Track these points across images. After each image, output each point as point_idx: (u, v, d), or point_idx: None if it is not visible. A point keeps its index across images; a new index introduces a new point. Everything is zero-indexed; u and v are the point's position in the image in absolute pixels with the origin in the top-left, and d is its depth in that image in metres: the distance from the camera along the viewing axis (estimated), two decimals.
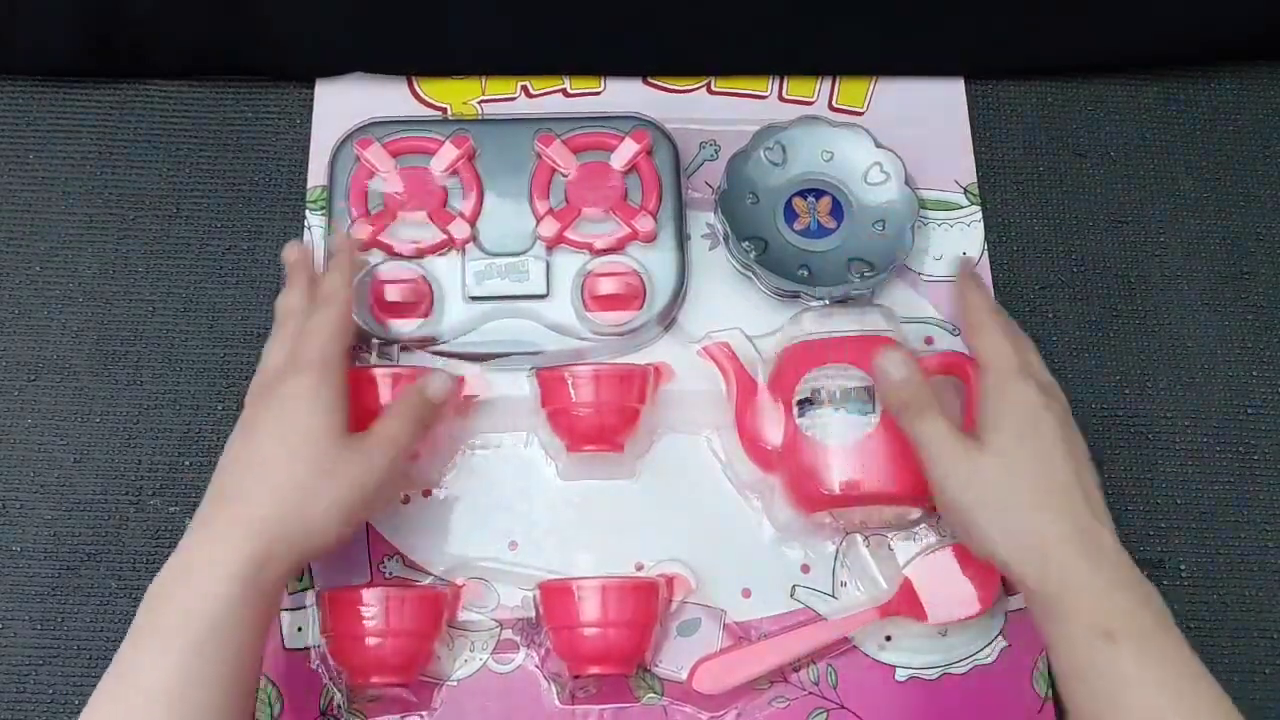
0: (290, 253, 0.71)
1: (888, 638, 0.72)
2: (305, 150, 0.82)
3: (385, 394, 0.70)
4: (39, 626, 0.72)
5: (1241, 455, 0.77)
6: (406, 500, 0.74)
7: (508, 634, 0.71)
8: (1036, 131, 0.84)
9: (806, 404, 0.70)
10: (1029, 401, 0.64)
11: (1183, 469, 0.77)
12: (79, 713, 0.70)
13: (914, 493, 0.70)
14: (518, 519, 0.74)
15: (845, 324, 0.73)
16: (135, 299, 0.79)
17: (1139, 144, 0.84)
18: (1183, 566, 0.75)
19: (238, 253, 0.80)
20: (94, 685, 0.70)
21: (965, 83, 0.85)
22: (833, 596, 0.73)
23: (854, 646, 0.72)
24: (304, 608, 0.71)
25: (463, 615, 0.72)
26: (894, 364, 0.66)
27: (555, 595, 0.69)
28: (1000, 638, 0.72)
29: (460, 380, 0.74)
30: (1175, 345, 0.80)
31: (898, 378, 0.66)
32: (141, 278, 0.79)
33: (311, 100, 0.83)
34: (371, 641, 0.66)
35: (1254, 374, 0.79)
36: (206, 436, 0.76)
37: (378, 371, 0.71)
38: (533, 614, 0.71)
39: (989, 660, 0.72)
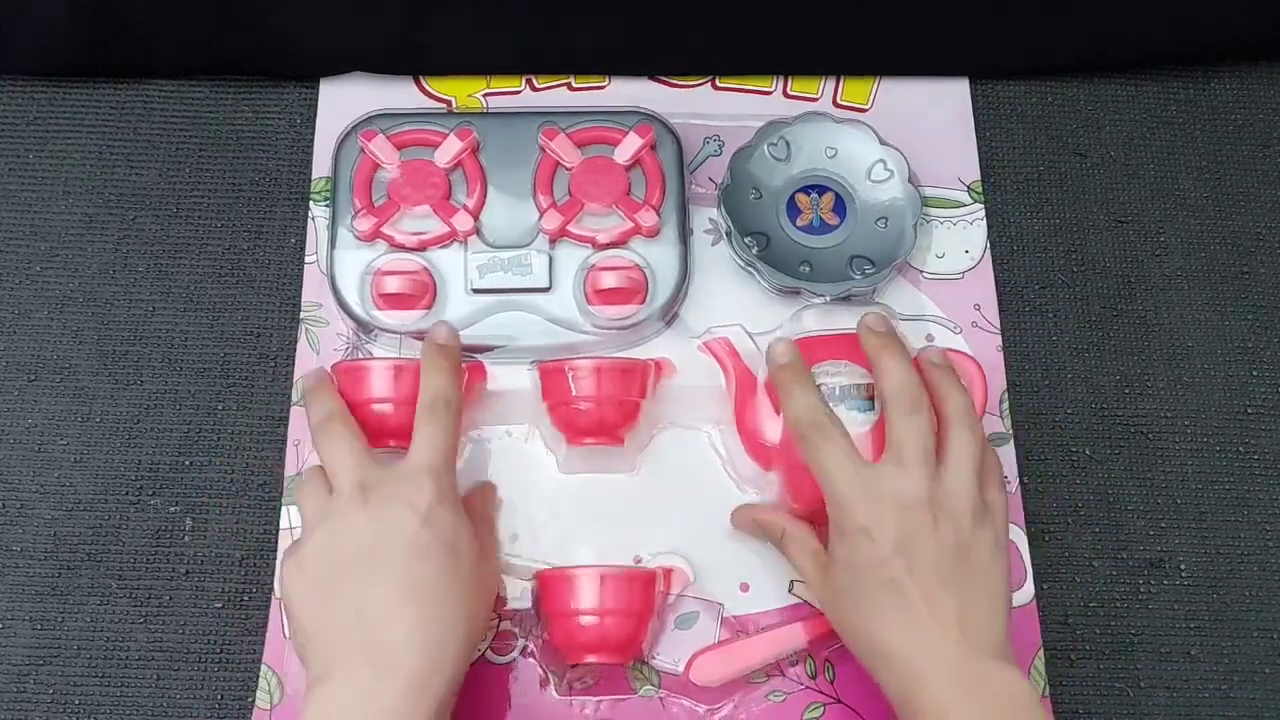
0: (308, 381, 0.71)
1: None
2: (306, 150, 0.82)
3: (387, 387, 0.70)
4: (39, 626, 0.71)
5: (1241, 455, 0.77)
6: None
7: (506, 625, 0.71)
8: (1037, 131, 0.84)
9: None
10: (857, 537, 0.62)
11: (1183, 469, 0.77)
12: (79, 713, 0.70)
13: None
14: (517, 511, 0.74)
15: (845, 322, 0.73)
16: (135, 299, 0.79)
17: (1139, 144, 0.84)
18: (1183, 566, 0.75)
19: (238, 253, 0.80)
20: (94, 685, 0.70)
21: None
22: None
23: None
24: None
25: None
26: (750, 525, 0.70)
27: (552, 583, 0.69)
28: None
29: (467, 370, 0.74)
30: (1175, 345, 0.80)
31: (758, 525, 0.70)
32: (141, 278, 0.79)
33: (312, 99, 0.83)
34: None
35: (1254, 374, 0.79)
36: (206, 436, 0.75)
37: (376, 364, 0.71)
38: (530, 604, 0.71)
39: None
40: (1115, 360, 0.79)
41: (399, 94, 0.83)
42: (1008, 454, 0.76)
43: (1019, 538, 0.74)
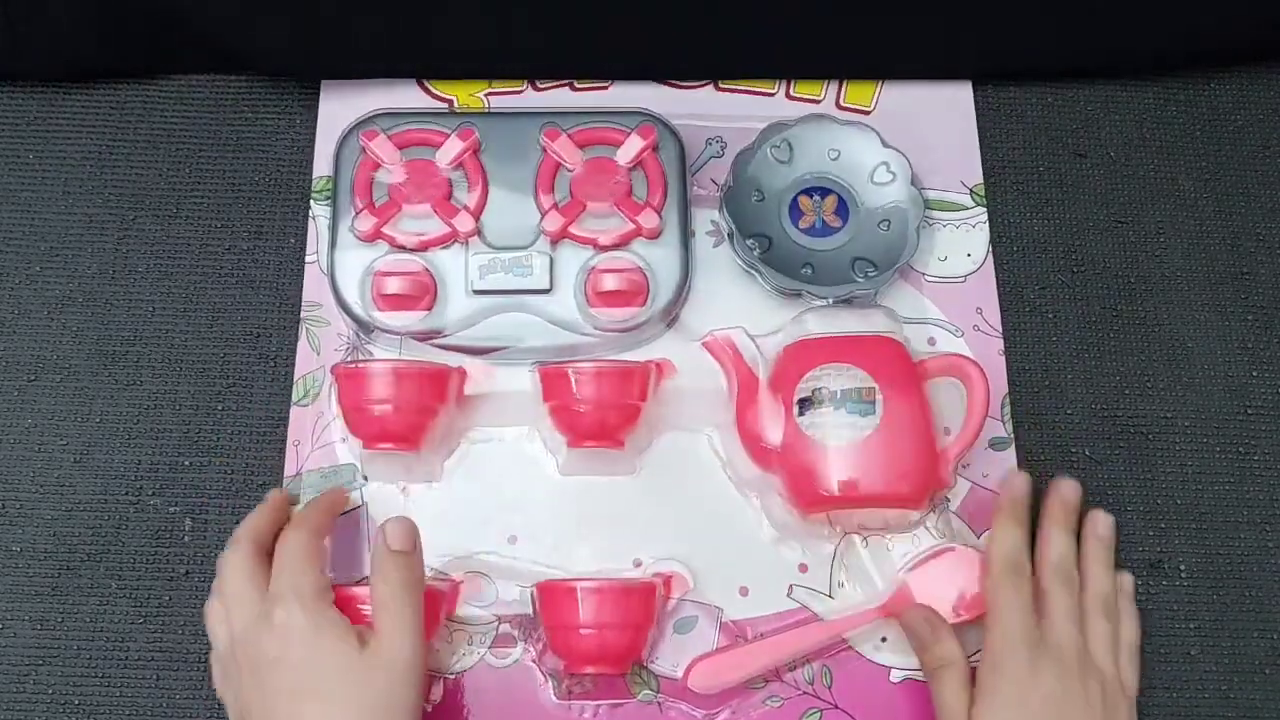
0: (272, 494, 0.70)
1: (883, 639, 0.72)
2: (306, 150, 0.82)
3: (386, 390, 0.70)
4: (39, 626, 0.71)
5: (1241, 455, 0.77)
6: (405, 491, 0.74)
7: (505, 628, 0.71)
8: (1037, 132, 0.84)
9: (807, 403, 0.70)
10: (1020, 673, 0.64)
11: (1183, 469, 0.77)
12: (79, 713, 0.70)
13: (913, 495, 0.70)
14: (517, 513, 0.74)
15: (848, 324, 0.73)
16: (135, 299, 0.79)
17: (1139, 145, 0.84)
18: (1183, 566, 0.75)
19: (238, 253, 0.80)
20: (94, 685, 0.70)
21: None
22: (829, 597, 0.72)
23: (849, 647, 0.72)
24: None
25: (461, 609, 0.72)
26: (921, 626, 0.68)
27: (552, 595, 0.69)
28: None
29: (463, 372, 0.75)
30: (1175, 345, 0.80)
31: (927, 640, 0.68)
32: (141, 278, 0.79)
33: (313, 100, 0.83)
34: None
35: (1254, 374, 0.79)
36: (206, 436, 0.75)
37: (377, 366, 0.71)
38: (530, 609, 0.71)
39: None
40: (1115, 360, 0.79)
41: (400, 93, 0.83)
42: (1008, 457, 0.76)
43: None
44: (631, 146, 0.78)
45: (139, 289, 0.79)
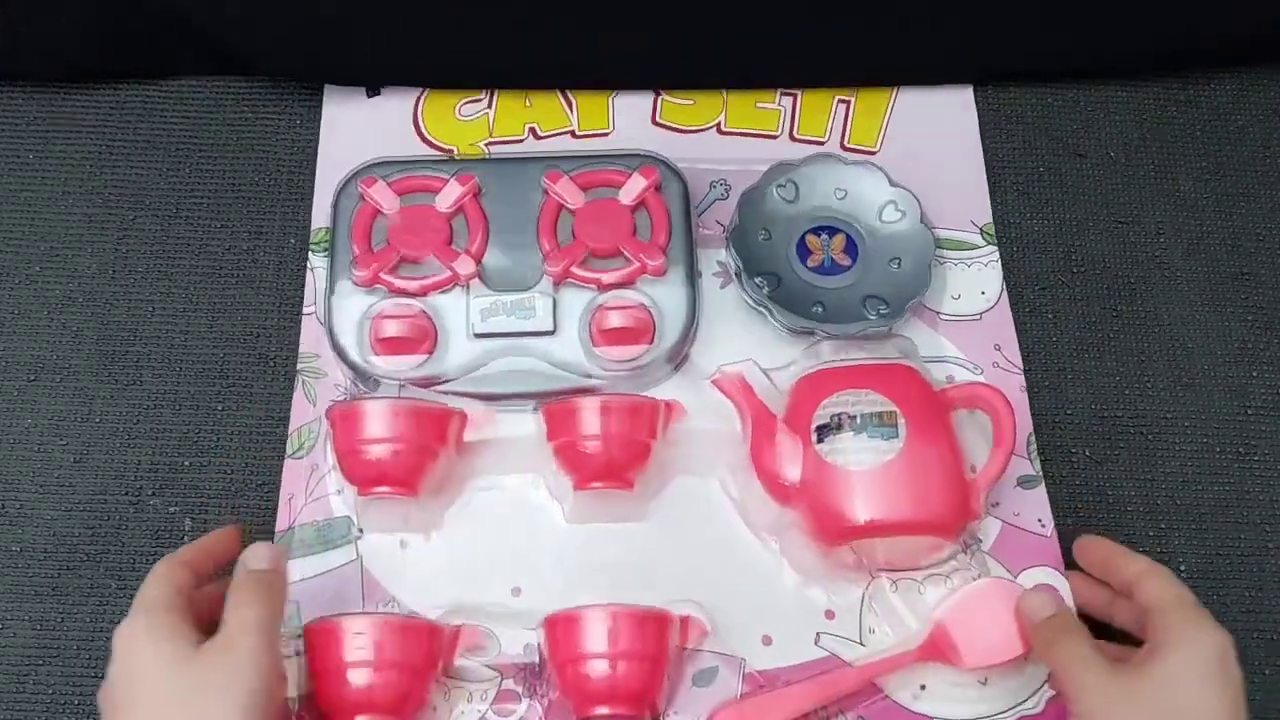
0: None
1: (922, 686, 0.68)
2: (306, 150, 0.82)
3: (383, 428, 0.69)
4: (39, 626, 0.71)
5: (1241, 455, 0.77)
6: (403, 545, 0.72)
7: (509, 683, 0.68)
8: (1037, 133, 0.85)
9: (826, 430, 0.68)
10: (1222, 646, 0.62)
11: (1183, 469, 0.77)
12: (79, 713, 0.70)
13: (942, 521, 0.67)
14: (521, 563, 0.71)
15: (863, 353, 0.71)
16: (135, 299, 0.79)
17: (1139, 145, 0.85)
18: (1183, 567, 0.75)
19: (238, 253, 0.80)
20: (94, 685, 0.70)
21: (969, 89, 0.85)
22: (860, 644, 0.69)
23: (886, 696, 0.67)
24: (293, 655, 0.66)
25: (462, 663, 0.68)
26: (1040, 604, 0.65)
27: (562, 626, 0.65)
28: (1047, 686, 0.68)
29: (464, 416, 0.72)
30: (1175, 345, 0.80)
31: (1044, 616, 0.65)
32: (141, 278, 0.79)
33: (314, 101, 0.83)
34: (358, 674, 0.63)
35: (1254, 374, 0.79)
36: (206, 436, 0.75)
37: (372, 404, 0.70)
38: (536, 660, 0.67)
39: (1035, 710, 0.67)
40: (1115, 361, 0.79)
41: (400, 138, 0.82)
42: (1039, 495, 0.74)
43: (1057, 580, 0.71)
44: (634, 186, 0.76)
45: (139, 289, 0.79)
